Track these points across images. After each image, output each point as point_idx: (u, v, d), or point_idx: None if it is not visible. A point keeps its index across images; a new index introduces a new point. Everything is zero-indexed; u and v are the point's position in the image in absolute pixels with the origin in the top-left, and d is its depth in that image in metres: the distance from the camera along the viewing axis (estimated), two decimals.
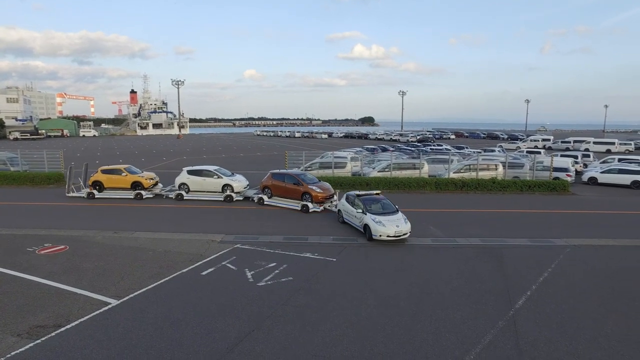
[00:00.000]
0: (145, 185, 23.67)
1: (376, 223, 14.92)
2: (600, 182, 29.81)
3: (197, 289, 11.02)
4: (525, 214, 20.49)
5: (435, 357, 7.95)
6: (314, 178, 22.05)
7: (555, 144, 63.87)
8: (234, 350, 8.08)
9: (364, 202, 16.09)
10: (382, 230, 14.69)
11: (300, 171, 24.08)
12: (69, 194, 23.91)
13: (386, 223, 14.91)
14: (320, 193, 20.34)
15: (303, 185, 20.59)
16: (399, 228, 14.86)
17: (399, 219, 15.39)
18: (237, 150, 61.14)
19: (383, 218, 15.20)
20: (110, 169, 24.55)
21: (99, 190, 23.63)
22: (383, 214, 15.54)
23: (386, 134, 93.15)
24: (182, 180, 23.35)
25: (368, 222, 15.18)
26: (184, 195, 22.95)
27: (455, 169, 28.60)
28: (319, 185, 21.10)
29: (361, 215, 15.72)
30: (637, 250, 14.70)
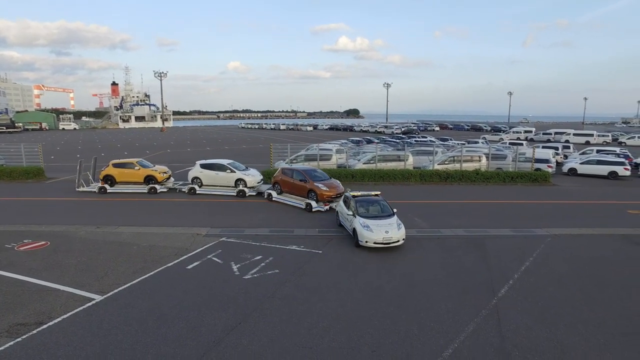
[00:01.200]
0: (159, 179, 23.13)
1: (363, 227, 13.47)
2: (580, 172, 30.53)
3: (183, 283, 10.95)
4: (507, 205, 20.85)
5: (421, 346, 8.08)
6: (323, 175, 20.64)
7: (537, 135, 65.00)
8: (221, 344, 8.08)
9: (357, 204, 14.65)
10: (369, 235, 13.28)
11: (310, 167, 22.54)
12: (78, 188, 23.24)
13: (374, 228, 13.38)
14: (326, 191, 19.03)
15: (309, 182, 19.41)
16: (389, 234, 13.29)
17: (390, 223, 13.78)
18: (222, 143, 60.58)
19: (372, 222, 13.65)
20: (122, 163, 23.88)
21: (111, 185, 23.06)
22: (374, 218, 13.99)
23: (371, 126, 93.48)
24: (195, 174, 22.83)
25: (355, 226, 13.78)
26: (197, 190, 22.46)
27: (439, 161, 28.90)
28: (327, 182, 19.75)
29: (351, 218, 14.35)
30: (613, 239, 15.12)
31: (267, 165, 28.43)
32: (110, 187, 22.96)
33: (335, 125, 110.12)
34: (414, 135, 60.61)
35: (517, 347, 8.00)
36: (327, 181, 19.91)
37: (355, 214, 14.19)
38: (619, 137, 62.07)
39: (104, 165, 24.06)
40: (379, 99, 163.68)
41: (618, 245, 14.41)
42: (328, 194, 18.94)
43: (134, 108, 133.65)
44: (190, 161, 26.61)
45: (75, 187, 23.36)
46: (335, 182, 20.35)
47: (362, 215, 14.09)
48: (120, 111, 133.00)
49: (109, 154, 44.53)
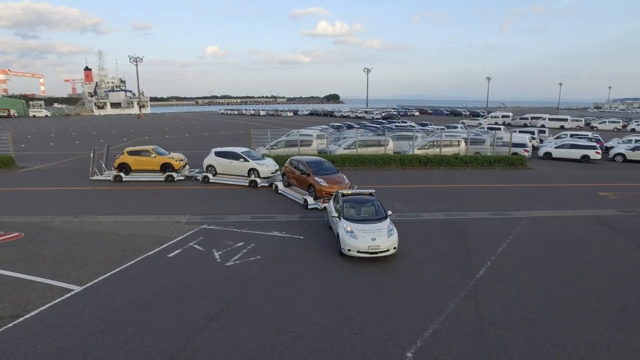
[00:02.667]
0: (176, 166, 22.58)
1: (346, 233, 11.51)
2: (555, 156, 31.35)
3: (164, 271, 10.85)
4: (486, 189, 21.28)
5: (402, 327, 8.26)
6: (330, 168, 18.83)
7: (514, 120, 66.20)
8: (204, 331, 8.08)
9: (344, 204, 12.67)
10: (351, 243, 11.31)
11: (318, 158, 20.26)
12: (92, 177, 22.84)
13: (359, 234, 11.39)
14: (324, 187, 17.00)
15: (310, 175, 17.69)
16: (375, 242, 11.26)
17: (380, 229, 11.65)
18: (201, 130, 59.67)
19: (358, 227, 11.62)
20: (137, 150, 23.24)
21: (126, 173, 22.53)
22: (362, 222, 11.97)
23: (351, 112, 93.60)
24: (209, 162, 22.19)
25: (339, 231, 11.84)
26: (210, 178, 21.82)
27: (419, 146, 29.20)
28: (330, 177, 17.77)
29: (336, 221, 12.43)
30: (585, 220, 15.65)
31: None
32: (126, 176, 22.46)
33: (315, 111, 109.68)
34: (394, 121, 60.94)
35: (494, 326, 8.27)
36: (330, 175, 17.96)
37: (340, 216, 12.23)
38: (591, 122, 63.81)
39: (119, 153, 23.58)
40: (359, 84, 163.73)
41: (589, 226, 14.93)
42: (327, 191, 16.83)
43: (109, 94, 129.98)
44: (170, 149, 26.09)
45: (90, 176, 22.94)
46: (340, 177, 18.25)
47: (348, 218, 12.11)
48: (95, 97, 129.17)
49: (84, 142, 43.40)
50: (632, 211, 16.85)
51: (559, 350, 7.56)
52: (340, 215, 12.32)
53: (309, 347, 7.60)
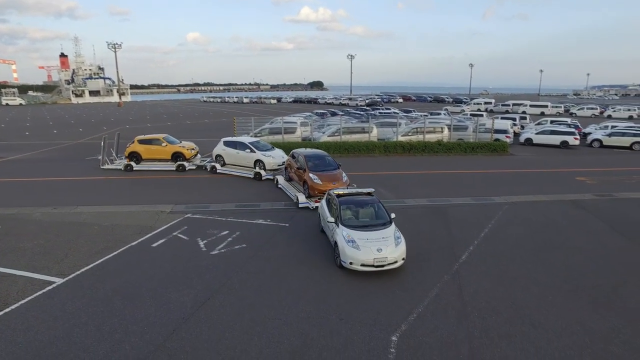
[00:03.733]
0: (187, 155, 22.19)
1: (347, 243, 9.92)
2: (535, 142, 31.90)
3: (149, 261, 10.76)
4: (468, 174, 21.59)
5: (387, 312, 8.39)
6: (329, 163, 16.95)
7: (496, 107, 66.91)
8: (190, 320, 8.08)
9: (341, 207, 10.96)
10: (354, 255, 9.71)
11: (320, 152, 18.18)
12: (103, 166, 22.52)
13: (362, 244, 9.80)
14: (317, 185, 15.39)
15: (305, 171, 16.15)
16: (382, 254, 9.68)
17: (386, 237, 10.10)
18: (184, 118, 58.77)
19: (360, 235, 10.05)
20: (148, 139, 22.86)
21: (137, 162, 22.19)
22: (363, 228, 10.37)
23: (335, 99, 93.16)
24: (218, 151, 21.64)
25: (337, 239, 10.23)
26: (218, 169, 21.26)
27: (403, 132, 29.34)
28: (325, 174, 15.95)
29: (333, 227, 10.80)
30: (564, 205, 16.04)
31: None
32: (137, 165, 22.11)
33: (299, 98, 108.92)
34: (377, 107, 61.00)
35: (476, 309, 8.47)
36: (327, 172, 16.17)
37: (338, 222, 10.61)
38: (570, 109, 65.00)
39: (129, 142, 23.18)
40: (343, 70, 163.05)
41: (567, 210, 15.32)
42: (320, 189, 15.15)
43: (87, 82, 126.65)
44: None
45: (100, 165, 22.58)
46: (338, 174, 16.26)
47: (347, 224, 10.48)
48: (72, 85, 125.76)
49: (62, 132, 42.36)
50: (607, 195, 17.34)
51: (538, 330, 7.81)
52: (338, 220, 10.63)
53: (295, 333, 7.68)
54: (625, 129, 32.87)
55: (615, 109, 60.89)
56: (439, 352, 7.16)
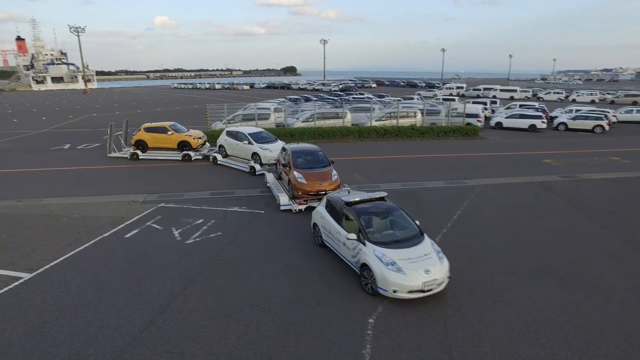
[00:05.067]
0: (194, 145, 21.37)
1: (387, 266, 8.12)
2: (505, 126, 32.73)
3: (122, 252, 10.53)
4: (441, 158, 21.98)
5: (364, 295, 8.55)
6: (321, 160, 14.88)
7: (467, 91, 68.03)
8: (167, 310, 8.00)
9: (360, 219, 9.09)
10: (400, 281, 7.99)
11: (310, 146, 15.99)
12: (110, 154, 22.07)
13: (405, 266, 8.14)
14: (301, 185, 13.43)
15: (290, 168, 14.22)
16: (431, 275, 8.12)
17: (428, 253, 8.56)
18: (154, 105, 57.15)
19: (397, 254, 8.36)
20: (154, 127, 21.99)
21: (143, 151, 21.50)
22: (395, 245, 8.63)
23: (309, 84, 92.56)
24: (220, 141, 20.56)
25: (370, 262, 8.38)
26: (218, 160, 20.16)
27: (377, 117, 29.51)
28: (312, 172, 13.98)
29: (356, 246, 8.88)
30: (532, 186, 16.60)
31: (203, 127, 27.35)
32: (143, 153, 21.47)
33: (272, 84, 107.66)
34: (351, 93, 60.96)
35: (450, 289, 8.72)
36: (314, 170, 14.16)
37: (365, 239, 8.72)
38: (538, 93, 66.82)
39: (136, 130, 22.44)
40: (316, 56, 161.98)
41: (535, 192, 15.87)
42: (304, 189, 13.42)
43: (48, 68, 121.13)
44: (121, 126, 24.89)
45: (107, 153, 22.01)
46: (327, 172, 14.18)
47: (376, 241, 8.65)
48: (32, 71, 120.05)
49: (22, 121, 40.52)
50: (571, 176, 18.05)
51: (507, 307, 8.14)
52: (362, 236, 8.77)
53: (273, 319, 7.73)
54: (588, 112, 34.14)
55: (579, 93, 63.02)
56: (415, 332, 7.36)
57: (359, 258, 8.75)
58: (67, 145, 25.88)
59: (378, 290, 8.26)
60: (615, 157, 22.25)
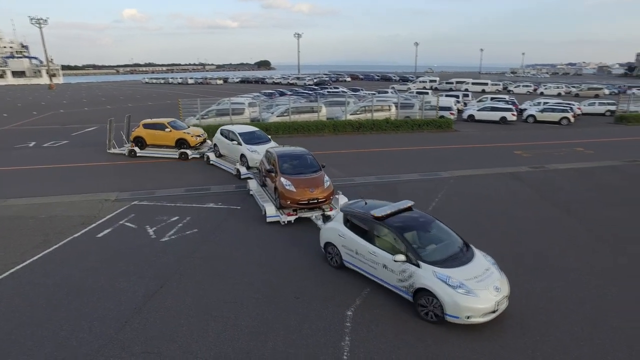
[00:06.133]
0: (192, 143, 20.45)
1: (456, 289, 7.10)
2: (477, 118, 33.47)
3: (95, 252, 10.25)
4: (416, 151, 22.31)
5: (342, 288, 8.62)
6: (311, 164, 13.31)
7: (440, 85, 69.17)
8: (143, 309, 7.85)
9: (404, 235, 7.96)
10: (472, 305, 7.03)
11: (297, 149, 14.21)
12: (109, 150, 21.48)
13: (475, 286, 7.20)
14: (291, 193, 11.86)
15: (277, 174, 12.59)
16: (501, 292, 7.36)
17: (488, 268, 7.75)
18: (125, 101, 55.59)
19: (460, 274, 7.37)
20: (152, 123, 21.20)
21: (141, 148, 20.83)
22: (452, 262, 7.64)
23: (283, 78, 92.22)
24: (214, 140, 19.45)
25: (433, 287, 7.26)
26: (211, 160, 19.06)
27: (351, 111, 29.64)
28: (301, 179, 12.34)
29: (405, 268, 7.67)
30: (503, 177, 17.08)
31: None
32: (141, 150, 20.82)
33: (246, 78, 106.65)
34: (326, 87, 61.01)
35: None
36: (303, 176, 12.55)
37: (416, 259, 7.57)
38: (508, 86, 68.57)
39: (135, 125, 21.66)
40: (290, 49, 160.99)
41: (506, 182, 16.33)
42: (293, 198, 11.85)
43: (8, 61, 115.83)
44: (90, 122, 24.15)
45: (107, 149, 21.50)
46: (319, 178, 12.65)
47: (433, 262, 7.54)
48: None
49: None
50: (540, 167, 18.67)
51: None
52: (415, 257, 7.60)
53: (251, 314, 7.71)
54: (555, 105, 35.31)
55: (546, 86, 65.07)
56: (393, 322, 7.49)
57: (412, 282, 7.55)
58: (32, 143, 24.89)
59: (446, 318, 7.19)
60: (580, 147, 23.13)
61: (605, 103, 39.24)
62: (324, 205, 12.32)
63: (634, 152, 21.90)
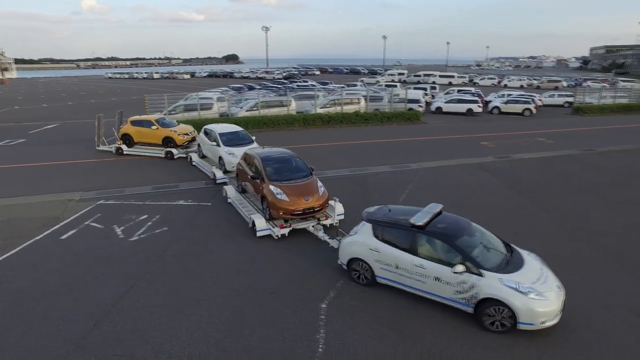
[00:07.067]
0: (178, 141, 19.37)
1: (526, 295, 6.82)
2: (445, 111, 34.18)
3: (59, 255, 9.87)
4: (385, 143, 22.58)
5: (316, 280, 8.67)
6: (299, 168, 12.17)
7: (409, 77, 70.09)
8: (113, 311, 7.64)
9: (456, 244, 7.45)
10: (546, 308, 6.79)
11: (282, 151, 13.07)
12: (98, 147, 20.76)
13: (542, 289, 6.97)
14: (283, 203, 10.61)
15: (264, 181, 11.30)
16: (562, 291, 7.24)
17: (541, 267, 7.60)
18: (87, 96, 53.52)
19: (526, 277, 7.12)
20: (139, 120, 20.37)
21: (129, 145, 20.02)
22: (511, 267, 7.35)
23: (252, 72, 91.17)
24: (198, 139, 18.36)
25: (503, 296, 6.86)
26: (193, 160, 17.89)
27: (321, 105, 29.66)
28: (293, 185, 11.14)
29: (464, 279, 7.15)
30: (470, 168, 17.56)
31: None
32: (128, 148, 19.96)
33: (214, 72, 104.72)
34: (295, 80, 60.76)
35: None
36: (294, 182, 11.31)
37: (481, 268, 7.13)
38: (474, 79, 70.30)
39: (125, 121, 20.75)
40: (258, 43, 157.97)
41: (473, 173, 16.80)
42: (287, 208, 10.61)
43: None
44: (49, 119, 23.10)
45: (96, 146, 20.88)
46: (311, 184, 11.47)
47: (499, 270, 7.21)
48: None
49: None
50: (505, 157, 19.31)
51: None
52: (475, 266, 7.14)
53: (225, 311, 7.64)
54: (518, 97, 36.51)
55: (510, 79, 67.10)
56: (367, 314, 7.60)
57: (475, 293, 7.06)
58: None
59: (519, 326, 6.84)
60: (542, 137, 24.05)
61: (564, 95, 40.96)
62: (319, 214, 11.21)
63: (589, 141, 22.99)
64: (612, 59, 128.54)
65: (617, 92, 40.21)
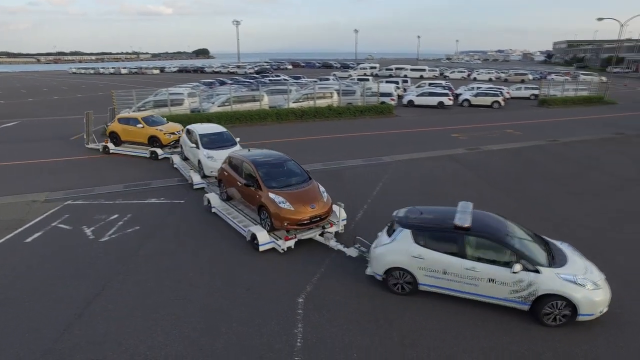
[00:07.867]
0: (163, 141, 18.41)
1: (584, 287, 6.95)
2: (417, 104, 34.68)
3: (23, 259, 9.47)
4: (359, 137, 22.72)
5: (292, 276, 8.67)
6: (296, 172, 11.14)
7: (380, 71, 70.58)
8: (84, 315, 7.41)
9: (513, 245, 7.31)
10: (603, 296, 7.02)
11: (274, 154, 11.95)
12: (88, 145, 20.26)
13: (593, 278, 7.14)
14: (288, 213, 9.59)
15: (260, 188, 10.20)
16: (603, 277, 7.40)
17: (581, 258, 7.76)
18: (49, 93, 51.37)
19: (579, 270, 7.23)
20: (126, 118, 19.63)
21: (116, 144, 19.40)
22: (560, 261, 7.40)
23: (223, 67, 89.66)
24: (181, 139, 17.18)
25: (563, 290, 6.92)
26: (174, 163, 16.71)
27: (294, 99, 29.56)
28: (296, 192, 10.11)
29: (522, 277, 7.11)
30: (442, 159, 17.92)
31: None
32: (115, 147, 19.30)
33: (184, 67, 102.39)
34: (267, 75, 60.19)
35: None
36: (295, 189, 10.30)
37: (537, 264, 7.13)
38: (444, 72, 71.52)
39: None
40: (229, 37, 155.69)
41: (444, 164, 17.15)
42: (293, 219, 9.61)
43: None
44: (8, 117, 22.08)
45: (85, 143, 20.39)
46: (313, 189, 10.51)
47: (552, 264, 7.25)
48: None
49: None
50: (475, 149, 19.79)
51: None
52: (531, 263, 7.09)
53: (202, 310, 7.55)
54: (487, 90, 37.41)
55: (479, 72, 68.58)
56: (344, 307, 7.67)
57: (534, 290, 7.02)
58: None
59: (579, 318, 6.94)
60: (510, 129, 24.77)
61: (530, 88, 42.29)
62: (324, 222, 10.22)
63: (554, 132, 23.89)
64: (573, 54, 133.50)
65: (579, 84, 41.90)
